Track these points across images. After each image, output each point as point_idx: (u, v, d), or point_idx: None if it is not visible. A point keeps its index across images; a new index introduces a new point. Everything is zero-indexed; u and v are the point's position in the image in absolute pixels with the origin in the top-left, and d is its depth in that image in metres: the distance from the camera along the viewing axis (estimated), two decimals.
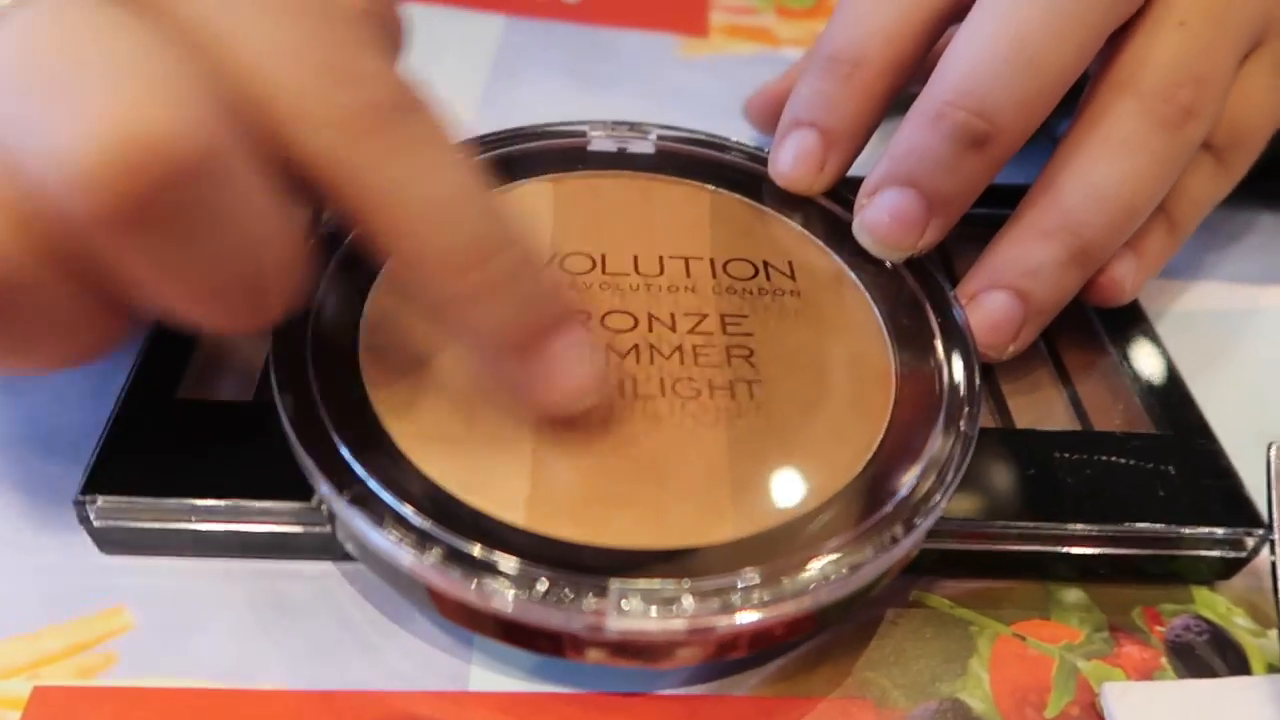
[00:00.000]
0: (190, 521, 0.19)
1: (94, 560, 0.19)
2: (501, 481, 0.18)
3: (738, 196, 0.24)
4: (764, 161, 0.25)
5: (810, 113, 0.23)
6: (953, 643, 0.20)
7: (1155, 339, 0.24)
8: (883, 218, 0.22)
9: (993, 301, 0.21)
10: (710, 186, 0.24)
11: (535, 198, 0.23)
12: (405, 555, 0.16)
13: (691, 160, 0.25)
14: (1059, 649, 0.20)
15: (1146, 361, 0.24)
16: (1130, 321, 0.25)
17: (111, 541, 0.19)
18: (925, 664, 0.19)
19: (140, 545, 0.19)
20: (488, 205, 0.17)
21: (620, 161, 0.25)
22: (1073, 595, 0.21)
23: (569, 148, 0.25)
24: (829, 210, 0.24)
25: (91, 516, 0.18)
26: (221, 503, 0.18)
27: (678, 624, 0.16)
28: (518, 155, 0.24)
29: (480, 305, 0.16)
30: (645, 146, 0.25)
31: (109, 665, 0.18)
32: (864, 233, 0.22)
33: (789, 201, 0.24)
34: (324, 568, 0.20)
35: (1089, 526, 0.20)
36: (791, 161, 0.23)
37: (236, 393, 0.21)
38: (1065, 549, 0.20)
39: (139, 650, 0.18)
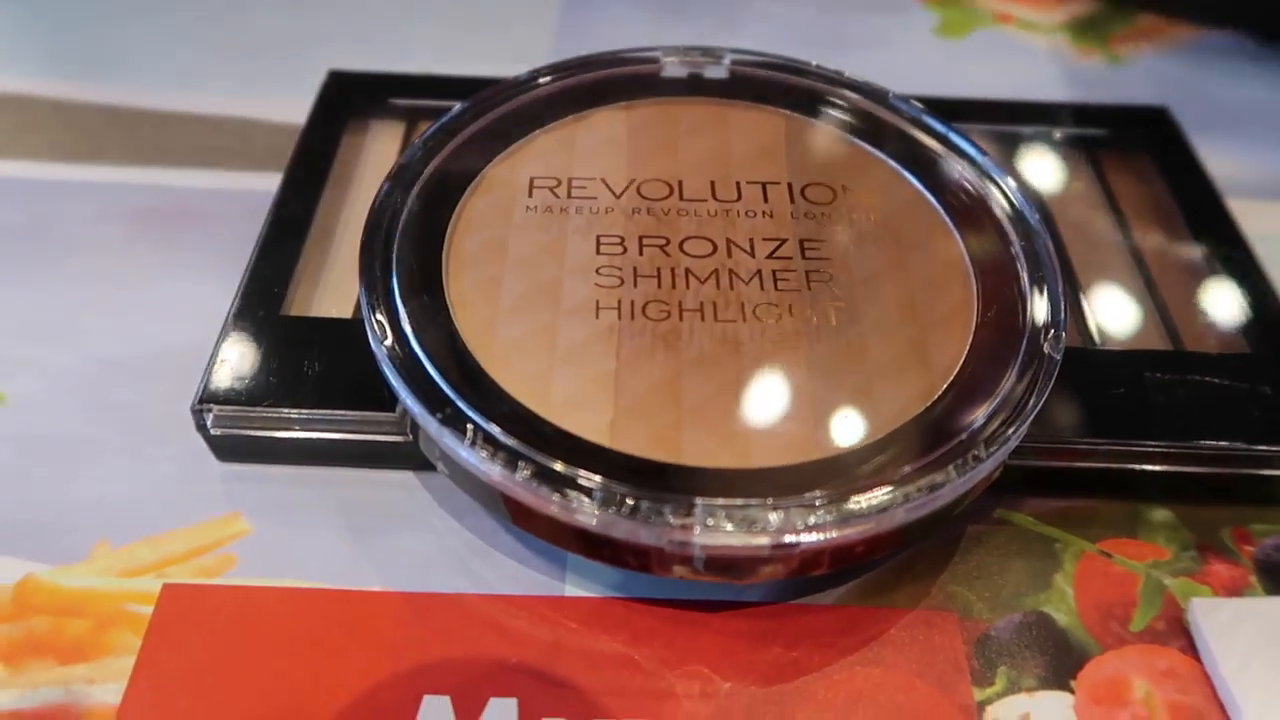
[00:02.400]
0: (295, 430, 0.20)
1: (211, 469, 0.20)
2: (585, 403, 0.18)
3: (814, 121, 0.24)
4: (842, 84, 0.24)
5: None
6: (1037, 559, 0.20)
7: (1252, 260, 0.24)
8: None
9: None
10: (786, 111, 0.24)
11: (609, 124, 0.23)
12: (495, 472, 0.17)
13: (766, 85, 0.24)
14: (1145, 566, 0.20)
15: (1242, 282, 0.23)
16: (1226, 243, 0.24)
17: (226, 449, 0.20)
18: (1009, 579, 0.19)
19: (251, 453, 0.20)
20: None
21: (694, 87, 0.24)
22: (1160, 515, 0.20)
23: (642, 74, 0.25)
24: (907, 135, 0.23)
25: (208, 424, 0.19)
26: (323, 413, 0.19)
27: (761, 540, 0.17)
28: (591, 83, 0.24)
29: None
30: (719, 72, 0.25)
31: (229, 567, 0.19)
32: None
33: (866, 127, 0.23)
34: (427, 478, 0.20)
35: (1179, 444, 0.20)
36: None
37: (337, 309, 0.22)
38: (1154, 467, 0.20)
39: (256, 553, 0.19)
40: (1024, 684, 0.18)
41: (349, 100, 0.27)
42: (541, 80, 0.24)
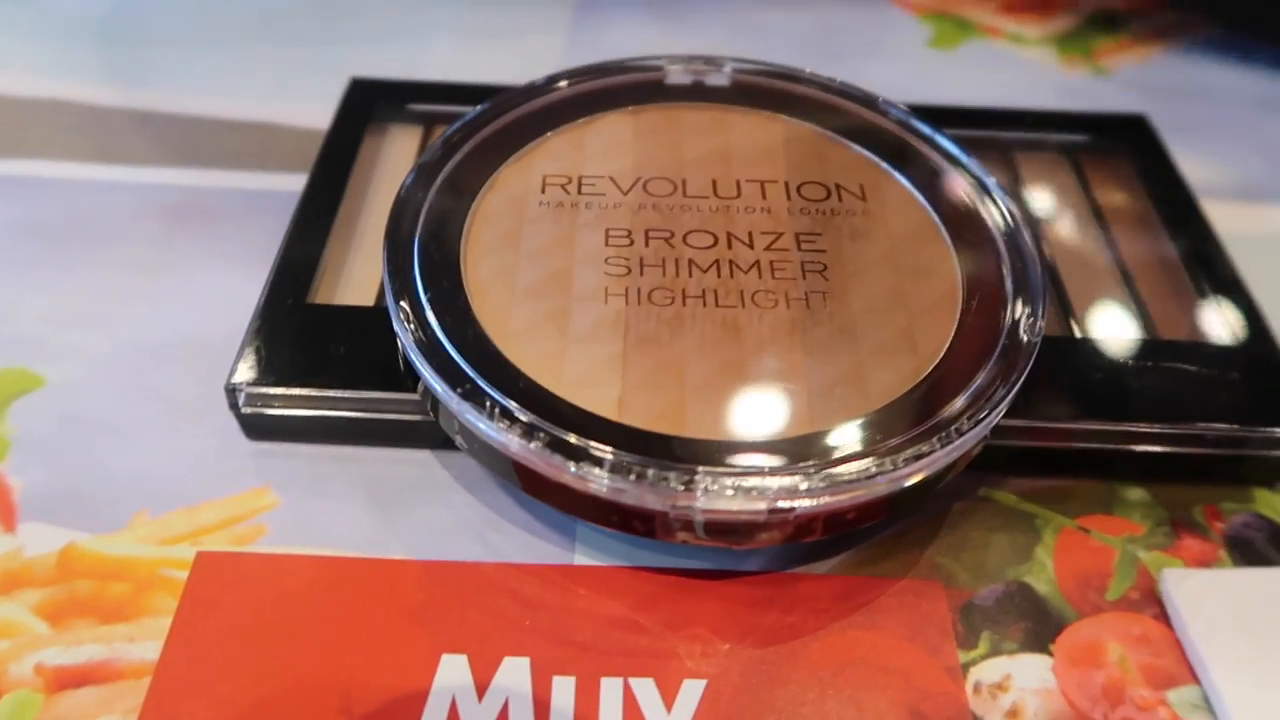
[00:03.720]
0: (320, 409, 0.21)
1: (242, 446, 0.22)
2: (595, 382, 0.19)
3: (811, 125, 0.25)
4: (837, 92, 0.26)
5: None
6: (1018, 534, 0.21)
7: (1223, 255, 0.25)
8: None
9: None
10: (783, 116, 0.25)
11: (616, 128, 0.25)
12: (513, 444, 0.18)
13: (766, 92, 0.26)
14: (1121, 540, 0.21)
15: (1214, 276, 0.24)
16: (1199, 240, 0.25)
17: (256, 428, 0.21)
18: (992, 551, 0.21)
19: (280, 432, 0.21)
20: None
21: (697, 94, 0.26)
22: (1135, 494, 0.22)
23: (647, 81, 0.26)
24: (900, 139, 0.25)
25: (240, 403, 0.21)
26: (347, 393, 0.21)
27: (759, 505, 0.18)
28: (600, 89, 0.26)
29: None
30: (721, 79, 0.26)
31: (260, 536, 0.20)
32: None
33: (860, 131, 0.25)
34: (444, 456, 0.22)
35: (1154, 426, 0.21)
36: None
37: (360, 298, 0.23)
38: (1130, 447, 0.21)
39: (285, 523, 0.20)
40: (1005, 647, 0.19)
41: (370, 106, 0.28)
42: (554, 86, 0.25)
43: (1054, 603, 0.20)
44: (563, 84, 0.25)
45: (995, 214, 0.23)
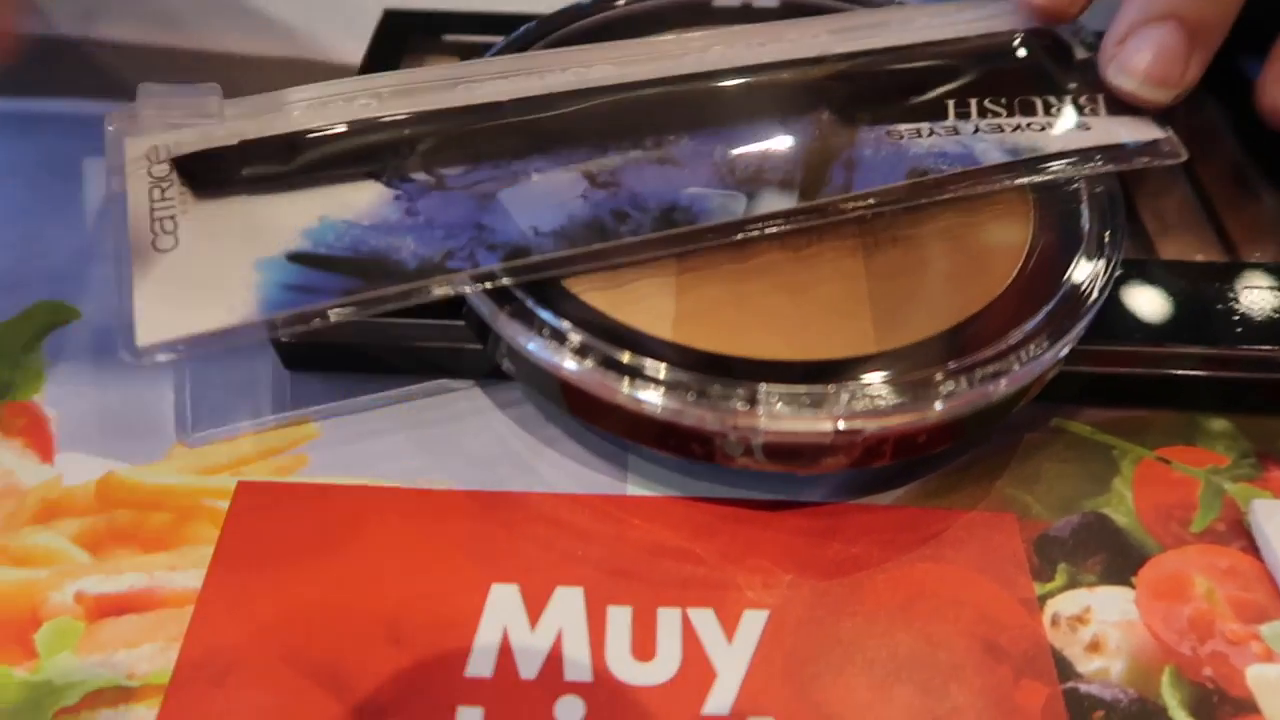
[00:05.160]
0: (361, 338, 0.20)
1: (282, 377, 0.21)
2: (649, 303, 0.18)
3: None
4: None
5: (1170, 6, 0.21)
6: (1094, 465, 0.20)
7: None
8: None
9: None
10: None
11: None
12: (564, 364, 0.17)
13: (816, 13, 0.25)
14: (1205, 471, 0.20)
15: None
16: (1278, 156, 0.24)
17: (296, 358, 0.21)
18: (1067, 483, 0.19)
19: (320, 362, 0.21)
20: None
21: (745, 16, 0.25)
22: (1218, 424, 0.20)
23: (694, 3, 0.25)
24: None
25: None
26: (389, 320, 0.20)
27: (825, 425, 0.17)
28: (643, 11, 0.24)
29: None
30: (769, 1, 0.25)
31: (300, 466, 0.19)
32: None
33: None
34: (489, 388, 0.21)
35: (1236, 349, 0.20)
36: (1150, 61, 0.21)
37: None
38: (1210, 373, 0.20)
39: (325, 454, 0.20)
40: (1084, 580, 0.18)
41: (404, 37, 0.27)
42: (602, 7, 0.24)
43: (1134, 535, 0.19)
44: (618, 4, 0.24)
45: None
